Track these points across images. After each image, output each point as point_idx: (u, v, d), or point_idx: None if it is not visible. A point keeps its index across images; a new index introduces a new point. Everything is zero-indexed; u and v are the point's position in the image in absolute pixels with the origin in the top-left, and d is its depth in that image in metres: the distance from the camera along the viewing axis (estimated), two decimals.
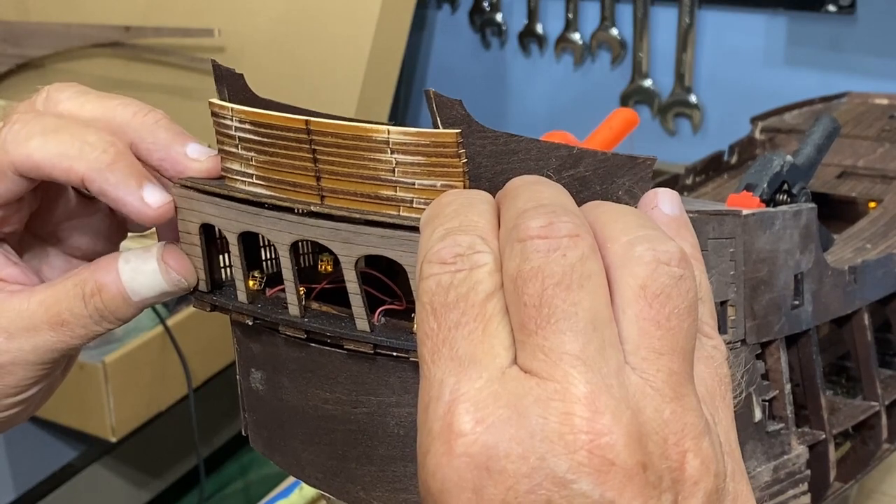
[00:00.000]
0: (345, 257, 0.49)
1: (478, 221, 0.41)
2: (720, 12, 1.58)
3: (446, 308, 0.39)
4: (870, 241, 0.87)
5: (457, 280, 0.39)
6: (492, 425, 0.37)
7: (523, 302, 0.38)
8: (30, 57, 1.80)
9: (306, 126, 0.48)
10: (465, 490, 0.37)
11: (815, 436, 0.71)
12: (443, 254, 0.39)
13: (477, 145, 0.46)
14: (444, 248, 0.39)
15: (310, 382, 0.54)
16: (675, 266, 0.40)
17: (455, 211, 0.42)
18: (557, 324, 0.37)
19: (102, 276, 0.54)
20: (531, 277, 0.38)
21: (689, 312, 0.39)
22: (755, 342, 0.65)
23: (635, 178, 0.54)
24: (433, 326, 0.39)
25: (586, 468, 0.36)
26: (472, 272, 0.39)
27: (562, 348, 0.37)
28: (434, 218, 0.42)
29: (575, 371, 0.37)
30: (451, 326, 0.38)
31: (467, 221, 0.41)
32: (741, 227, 0.62)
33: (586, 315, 0.37)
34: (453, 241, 0.40)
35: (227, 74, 0.52)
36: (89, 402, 1.38)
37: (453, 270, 0.39)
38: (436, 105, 0.45)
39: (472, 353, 0.38)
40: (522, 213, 0.40)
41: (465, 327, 0.38)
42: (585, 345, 0.37)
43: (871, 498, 0.98)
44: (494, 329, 0.39)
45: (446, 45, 1.85)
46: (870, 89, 1.26)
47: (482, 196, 0.43)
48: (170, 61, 1.70)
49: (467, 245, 0.39)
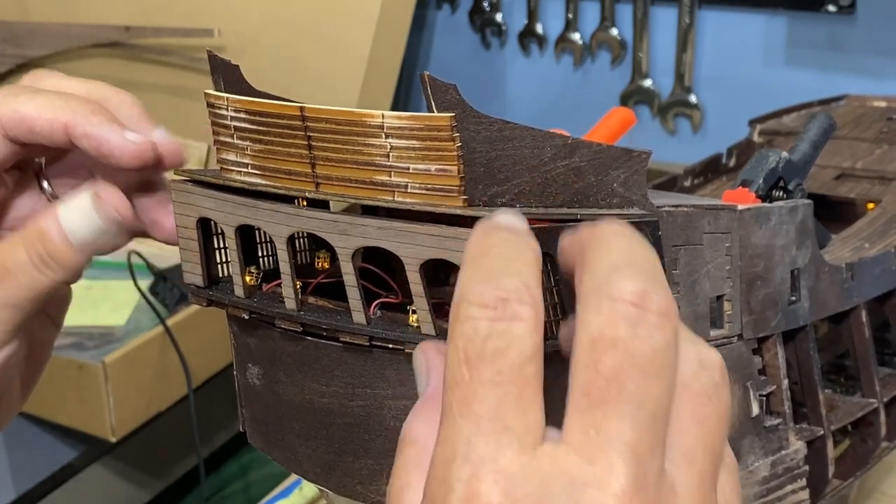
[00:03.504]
0: (342, 249, 0.49)
1: (523, 269, 0.38)
2: (720, 12, 1.58)
3: (482, 360, 0.36)
4: (868, 241, 0.87)
5: (496, 331, 0.36)
6: (519, 502, 0.34)
7: (596, 369, 0.35)
8: (30, 57, 1.80)
9: (301, 113, 0.48)
10: None
11: (813, 432, 0.71)
12: (485, 296, 0.36)
13: (471, 130, 0.46)
14: (488, 290, 0.36)
15: (306, 376, 0.54)
16: (717, 373, 0.38)
17: (501, 254, 0.38)
18: (622, 407, 0.35)
19: (42, 221, 0.55)
20: (613, 347, 0.35)
21: (724, 418, 0.38)
22: (752, 337, 0.65)
23: (630, 171, 0.54)
24: (465, 376, 0.36)
25: None
26: (512, 324, 0.36)
27: (618, 434, 0.34)
28: (479, 256, 0.39)
29: (622, 462, 0.34)
30: (485, 382, 0.36)
31: (515, 267, 0.38)
32: (737, 222, 0.62)
33: (653, 407, 0.35)
34: (497, 285, 0.37)
35: (223, 65, 0.52)
36: (89, 402, 1.38)
37: (493, 318, 0.36)
38: (430, 88, 0.45)
39: (505, 418, 0.35)
40: (617, 268, 0.37)
41: (500, 388, 0.36)
42: (641, 438, 0.35)
43: (870, 497, 0.98)
44: (530, 397, 0.36)
45: (446, 45, 1.85)
46: (869, 89, 1.26)
47: (530, 243, 0.40)
48: (170, 61, 1.70)
49: (513, 290, 0.36)
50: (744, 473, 0.65)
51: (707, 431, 0.37)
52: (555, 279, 0.50)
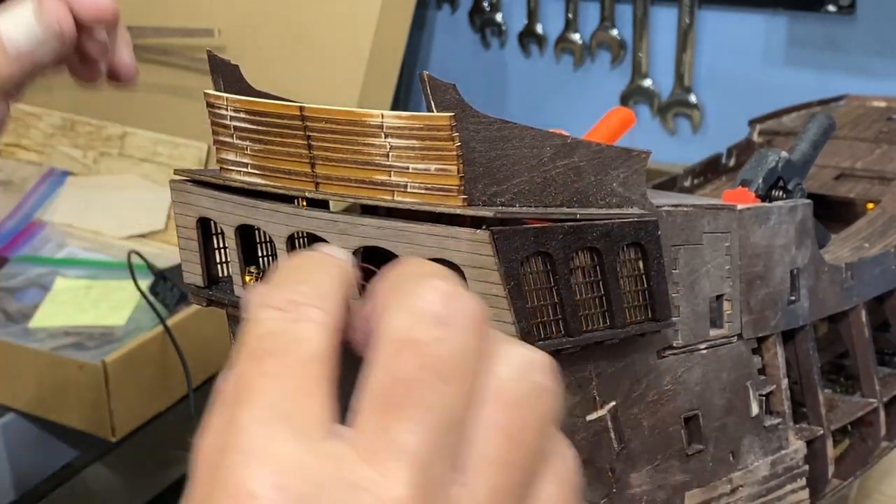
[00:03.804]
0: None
1: (323, 280, 0.37)
2: (720, 12, 1.58)
3: (267, 354, 0.35)
4: (868, 241, 0.87)
5: (284, 329, 0.35)
6: (288, 496, 0.32)
7: (392, 371, 0.34)
8: None
9: (301, 112, 0.48)
10: None
11: (812, 431, 0.71)
12: (277, 299, 0.36)
13: (471, 130, 0.46)
14: (281, 294, 0.36)
15: None
16: (540, 376, 0.36)
17: (305, 267, 0.38)
18: (412, 411, 0.33)
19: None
20: (410, 350, 0.34)
21: (542, 429, 0.36)
22: (751, 337, 0.65)
23: (630, 171, 0.54)
24: (249, 369, 0.35)
25: None
26: (301, 324, 0.35)
27: (405, 439, 0.33)
28: (284, 271, 0.38)
29: (405, 469, 0.33)
30: (268, 374, 0.34)
31: (315, 278, 0.37)
32: (736, 222, 0.62)
33: (446, 414, 0.34)
34: (293, 290, 0.36)
35: (223, 65, 0.52)
36: (89, 402, 1.38)
37: (283, 318, 0.35)
38: (430, 88, 0.45)
39: (288, 411, 0.34)
40: (424, 275, 0.36)
41: (283, 381, 0.34)
42: (429, 445, 0.33)
43: (870, 498, 0.98)
44: (315, 392, 0.34)
45: (446, 45, 1.85)
46: (869, 89, 1.26)
47: (341, 264, 0.39)
48: (170, 61, 1.70)
49: (307, 294, 0.36)
50: (743, 473, 0.65)
51: (514, 443, 0.35)
52: (555, 279, 0.50)
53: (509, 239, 0.47)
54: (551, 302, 0.50)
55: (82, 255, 1.54)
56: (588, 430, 0.54)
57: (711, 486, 0.62)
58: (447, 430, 0.34)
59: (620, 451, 0.56)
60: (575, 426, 0.53)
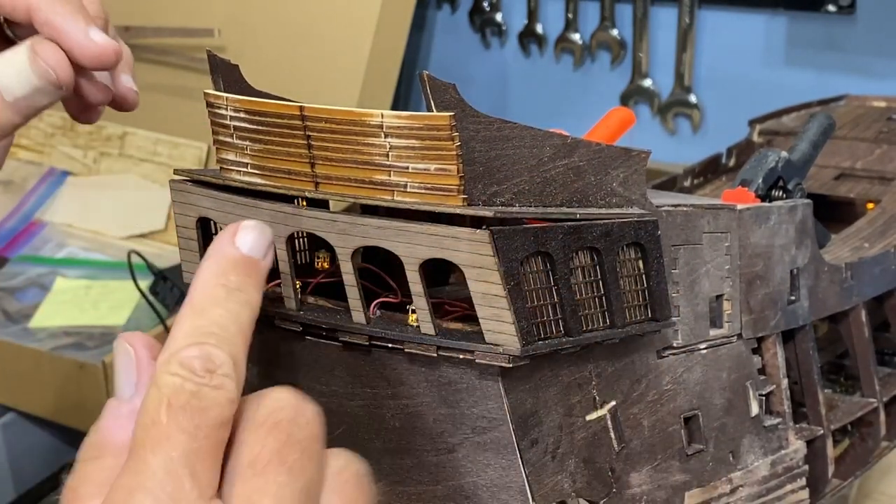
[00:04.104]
0: (341, 249, 0.49)
1: (236, 340, 0.42)
2: (720, 12, 1.58)
3: (183, 411, 0.40)
4: (867, 241, 0.87)
5: (202, 393, 0.40)
6: None
7: (263, 444, 0.41)
8: None
9: (300, 112, 0.48)
10: None
11: (812, 431, 0.71)
12: (196, 364, 0.40)
13: (470, 130, 0.46)
14: (197, 359, 0.41)
15: (305, 376, 0.54)
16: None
17: (222, 317, 0.42)
18: (280, 478, 0.40)
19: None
20: (277, 428, 0.41)
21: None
22: (751, 337, 0.65)
23: (630, 170, 0.54)
24: (162, 419, 0.39)
25: None
26: (217, 391, 0.40)
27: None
28: (202, 308, 0.43)
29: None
30: (183, 430, 0.39)
31: (229, 336, 0.42)
32: (736, 222, 0.62)
33: (306, 483, 0.41)
34: (209, 356, 0.41)
35: (223, 65, 0.52)
36: (89, 402, 1.38)
37: (201, 383, 0.40)
38: (429, 88, 0.45)
39: (194, 466, 0.39)
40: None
41: (195, 440, 0.39)
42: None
43: (870, 497, 0.98)
44: (216, 456, 0.40)
45: (446, 45, 1.85)
46: (869, 89, 1.26)
47: (251, 299, 0.44)
48: (170, 61, 1.70)
49: (223, 364, 0.41)
50: (743, 473, 0.65)
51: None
52: (554, 279, 0.50)
53: (509, 239, 0.47)
54: (551, 302, 0.50)
55: (82, 255, 1.54)
56: (588, 430, 0.54)
57: (711, 486, 0.62)
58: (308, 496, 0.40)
59: (620, 451, 0.56)
60: (575, 426, 0.53)
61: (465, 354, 0.49)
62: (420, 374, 0.51)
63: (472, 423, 0.50)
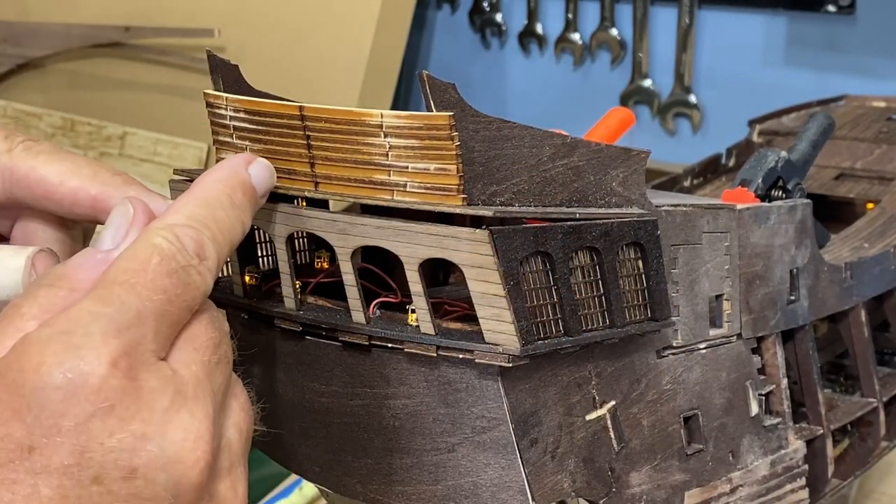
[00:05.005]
0: (341, 248, 0.49)
1: (224, 247, 0.45)
2: (720, 12, 1.58)
3: (169, 276, 0.42)
4: (867, 241, 0.87)
5: (188, 270, 0.43)
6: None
7: (210, 333, 0.44)
8: (30, 57, 1.80)
9: (300, 112, 0.48)
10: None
11: (812, 431, 0.71)
12: (188, 244, 0.43)
13: (470, 129, 0.46)
14: (193, 241, 0.43)
15: (305, 376, 0.54)
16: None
17: (223, 220, 0.45)
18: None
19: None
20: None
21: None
22: (751, 336, 0.65)
23: (629, 170, 0.54)
24: (149, 270, 0.41)
25: None
26: (199, 278, 0.43)
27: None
28: (213, 205, 0.45)
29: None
30: (162, 290, 0.42)
31: (222, 239, 0.45)
32: (736, 222, 0.62)
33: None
34: (202, 243, 0.44)
35: (222, 65, 0.52)
36: None
37: (188, 261, 0.43)
38: (429, 87, 0.46)
39: (159, 325, 0.41)
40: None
41: (168, 305, 0.42)
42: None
43: (870, 497, 0.99)
44: (175, 330, 0.43)
45: (446, 45, 1.85)
46: (869, 89, 1.26)
47: (243, 232, 0.46)
48: (170, 61, 1.70)
49: (209, 257, 0.44)
50: (743, 473, 0.65)
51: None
52: (554, 279, 0.50)
53: (509, 238, 0.47)
54: (551, 301, 0.50)
55: None
56: (588, 430, 0.54)
57: (711, 486, 0.62)
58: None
59: (620, 451, 0.56)
60: (574, 425, 0.53)
61: (465, 354, 0.49)
62: (420, 374, 0.51)
63: (472, 422, 0.50)
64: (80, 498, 0.38)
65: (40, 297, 0.42)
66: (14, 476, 0.38)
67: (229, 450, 0.44)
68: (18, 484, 0.37)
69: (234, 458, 0.44)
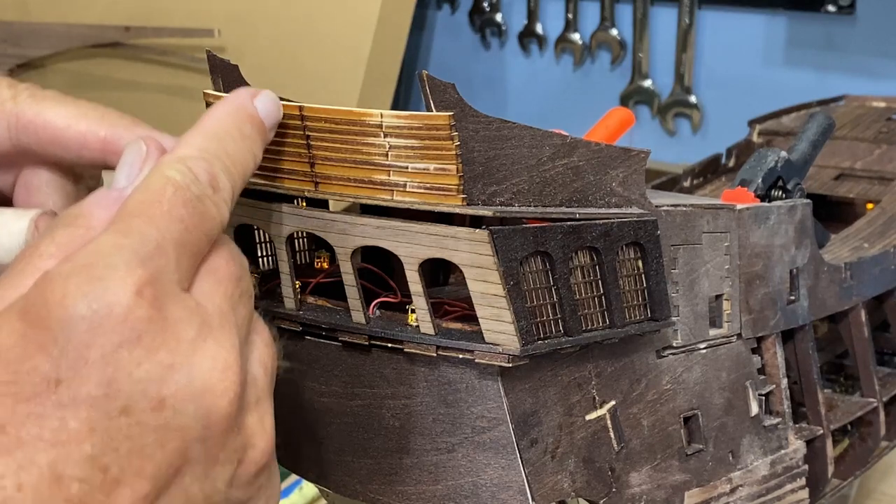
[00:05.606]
0: (341, 248, 0.49)
1: (237, 179, 0.44)
2: (720, 12, 1.58)
3: (185, 205, 0.41)
4: (867, 241, 0.87)
5: (203, 199, 0.42)
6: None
7: (231, 267, 0.44)
8: (30, 57, 1.80)
9: (300, 112, 0.48)
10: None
11: (812, 431, 0.71)
12: (202, 175, 0.42)
13: (470, 129, 0.46)
14: (206, 172, 0.43)
15: (305, 376, 0.54)
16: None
17: (234, 152, 0.45)
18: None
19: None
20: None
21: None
22: (751, 336, 0.65)
23: (629, 170, 0.54)
24: (165, 201, 0.41)
25: None
26: (215, 207, 0.43)
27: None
28: (223, 136, 0.45)
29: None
30: (180, 219, 0.41)
31: (235, 171, 0.44)
32: (735, 222, 0.62)
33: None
34: (215, 175, 0.43)
35: (222, 65, 0.52)
36: None
37: (203, 192, 0.42)
38: (429, 87, 0.46)
39: (179, 255, 0.40)
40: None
41: (187, 234, 0.41)
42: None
43: (870, 497, 0.99)
44: (196, 259, 0.42)
45: (446, 45, 1.85)
46: (869, 90, 1.26)
47: (255, 163, 0.46)
48: (170, 61, 1.70)
49: (223, 188, 0.43)
50: (743, 472, 0.65)
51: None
52: (554, 278, 0.50)
53: (508, 238, 0.47)
54: (550, 301, 0.50)
55: None
56: (587, 430, 0.54)
57: (711, 486, 0.62)
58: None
59: (620, 451, 0.56)
60: (574, 425, 0.53)
61: (465, 354, 0.49)
62: (419, 374, 0.51)
63: (472, 422, 0.50)
64: (108, 430, 0.37)
65: (57, 236, 0.41)
66: (41, 410, 0.37)
67: (255, 384, 0.43)
68: (45, 418, 0.37)
69: (260, 392, 0.44)
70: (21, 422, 0.37)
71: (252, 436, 0.43)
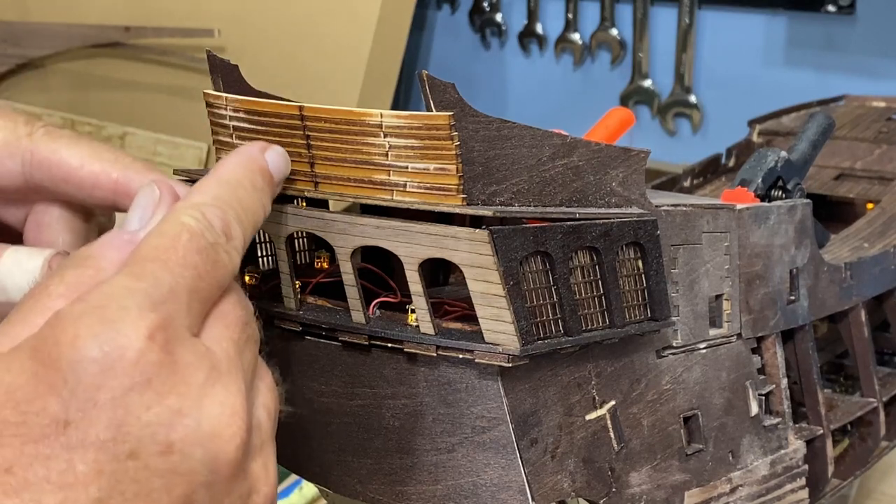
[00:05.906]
0: (341, 248, 0.49)
1: (249, 229, 0.45)
2: (720, 12, 1.58)
3: (199, 253, 0.41)
4: (867, 241, 0.87)
5: (217, 248, 0.42)
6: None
7: (239, 312, 0.44)
8: (30, 57, 1.80)
9: (300, 112, 0.48)
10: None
11: (812, 431, 0.71)
12: (215, 222, 0.43)
13: (470, 129, 0.46)
14: (219, 220, 0.43)
15: (305, 376, 0.54)
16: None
17: (246, 201, 0.45)
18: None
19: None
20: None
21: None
22: (751, 336, 0.65)
23: (629, 170, 0.54)
24: (180, 248, 0.41)
25: None
26: (227, 256, 0.43)
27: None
28: (237, 187, 0.45)
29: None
30: (193, 266, 0.41)
31: (247, 220, 0.45)
32: (735, 222, 0.62)
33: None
34: (228, 223, 0.43)
35: (222, 65, 0.52)
36: None
37: (216, 240, 0.43)
38: (428, 87, 0.46)
39: (191, 301, 0.41)
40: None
41: (200, 281, 0.41)
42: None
43: (870, 497, 0.99)
44: (206, 306, 0.42)
45: (446, 45, 1.85)
46: (869, 90, 1.26)
47: (264, 215, 0.47)
48: (170, 61, 1.70)
49: (235, 237, 0.44)
50: (743, 472, 0.65)
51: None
52: (554, 278, 0.50)
53: (508, 238, 0.47)
54: (550, 301, 0.50)
55: None
56: (587, 430, 0.54)
57: (711, 486, 0.62)
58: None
59: (620, 451, 0.56)
60: (574, 425, 0.53)
61: (465, 354, 0.49)
62: (419, 374, 0.51)
63: (472, 422, 0.50)
64: (116, 473, 0.37)
65: (67, 276, 0.41)
66: (49, 451, 0.37)
67: (260, 430, 0.44)
68: (53, 459, 0.37)
69: (264, 437, 0.44)
70: (28, 463, 0.37)
71: (257, 481, 0.43)
